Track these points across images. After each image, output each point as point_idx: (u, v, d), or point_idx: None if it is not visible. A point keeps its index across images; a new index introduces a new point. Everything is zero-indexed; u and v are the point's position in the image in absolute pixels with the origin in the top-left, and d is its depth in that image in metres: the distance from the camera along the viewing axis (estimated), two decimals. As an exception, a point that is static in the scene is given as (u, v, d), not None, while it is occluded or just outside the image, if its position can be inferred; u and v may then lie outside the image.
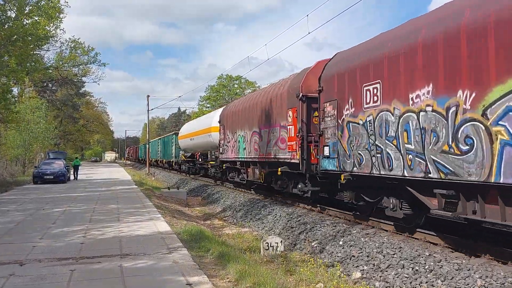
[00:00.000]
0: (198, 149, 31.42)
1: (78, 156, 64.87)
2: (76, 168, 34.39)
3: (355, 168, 10.41)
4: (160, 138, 56.74)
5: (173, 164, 44.18)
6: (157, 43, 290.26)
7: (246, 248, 10.89)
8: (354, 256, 9.15)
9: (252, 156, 17.76)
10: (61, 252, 8.45)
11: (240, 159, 19.43)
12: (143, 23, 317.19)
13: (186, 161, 37.05)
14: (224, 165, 22.60)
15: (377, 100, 9.50)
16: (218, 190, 23.68)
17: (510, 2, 6.47)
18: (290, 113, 14.01)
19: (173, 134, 44.02)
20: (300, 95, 13.30)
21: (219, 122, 23.15)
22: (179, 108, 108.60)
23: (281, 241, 10.27)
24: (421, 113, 8.10)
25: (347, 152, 10.69)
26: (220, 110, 25.45)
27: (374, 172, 9.65)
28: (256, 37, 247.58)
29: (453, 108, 7.36)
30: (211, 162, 26.92)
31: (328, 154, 11.54)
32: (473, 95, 6.95)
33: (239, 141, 19.57)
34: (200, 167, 33.04)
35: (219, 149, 23.05)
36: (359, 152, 10.21)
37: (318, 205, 13.93)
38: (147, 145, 54.02)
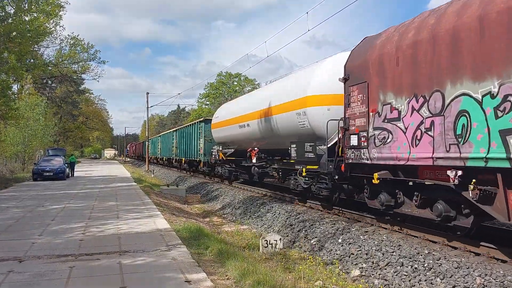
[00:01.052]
0: (261, 140, 18.34)
1: (77, 153, 64.76)
2: (72, 165, 34.45)
3: None
4: (176, 130, 41.45)
5: (201, 165, 29.90)
6: (156, 40, 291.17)
7: (245, 245, 10.89)
8: (353, 254, 9.15)
9: None
10: (60, 249, 8.45)
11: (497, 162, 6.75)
12: (141, 21, 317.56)
13: (226, 161, 23.87)
14: (377, 175, 9.77)
15: None
16: (217, 187, 23.67)
17: None
18: None
19: (201, 121, 30.14)
20: None
21: (345, 79, 10.97)
22: (178, 106, 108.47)
23: (280, 239, 10.27)
24: None
25: None
26: (342, 56, 12.46)
27: None
28: (256, 34, 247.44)
29: None
30: (310, 167, 13.13)
31: None
32: None
33: (472, 111, 7.16)
34: (261, 172, 19.50)
35: (348, 140, 10.72)
36: None
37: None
38: (156, 140, 49.19)
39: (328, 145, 11.97)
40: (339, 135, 11.28)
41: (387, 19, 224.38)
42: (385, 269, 8.08)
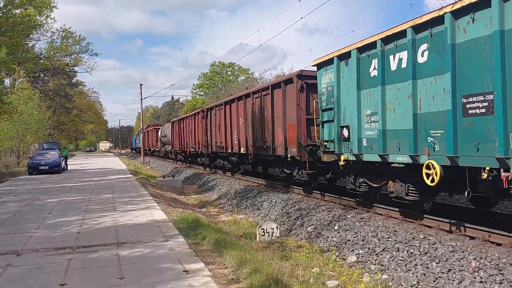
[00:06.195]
0: None
1: (71, 146, 64.43)
2: (65, 159, 34.57)
3: None
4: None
5: None
6: (147, 31, 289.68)
7: (242, 234, 10.94)
8: (350, 241, 9.21)
9: None
10: (58, 241, 8.47)
11: None
12: (131, 12, 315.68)
13: None
14: None
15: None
16: (213, 177, 23.69)
17: None
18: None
19: None
20: None
21: None
22: (172, 97, 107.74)
23: (277, 227, 10.33)
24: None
25: None
26: None
27: None
28: (248, 23, 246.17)
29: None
30: None
31: None
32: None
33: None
34: None
35: None
36: None
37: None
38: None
39: None
40: None
41: (381, 6, 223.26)
42: (381, 254, 8.15)
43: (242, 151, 18.82)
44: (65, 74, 61.84)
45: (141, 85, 50.67)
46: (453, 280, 6.51)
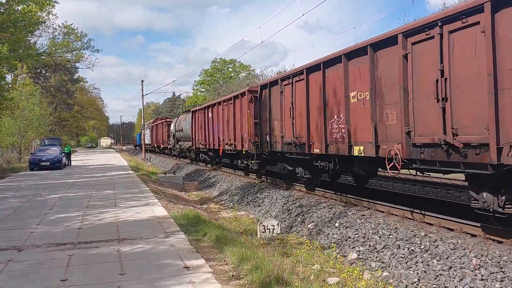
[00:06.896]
0: None
1: (72, 142, 64.43)
2: (68, 155, 34.70)
3: None
4: None
5: None
6: (148, 27, 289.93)
7: (242, 231, 10.94)
8: (350, 238, 9.21)
9: None
10: (59, 237, 8.49)
11: None
12: (133, 8, 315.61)
13: None
14: None
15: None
16: (214, 174, 23.70)
17: None
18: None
19: None
20: None
21: None
22: (173, 93, 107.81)
23: (278, 224, 10.32)
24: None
25: None
26: None
27: None
28: (250, 20, 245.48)
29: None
30: None
31: None
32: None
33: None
34: None
35: None
36: None
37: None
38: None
39: None
40: None
41: (382, 3, 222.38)
42: (382, 251, 8.14)
43: (356, 152, 10.38)
44: (67, 70, 61.90)
45: (142, 81, 50.79)
46: (454, 278, 6.50)
